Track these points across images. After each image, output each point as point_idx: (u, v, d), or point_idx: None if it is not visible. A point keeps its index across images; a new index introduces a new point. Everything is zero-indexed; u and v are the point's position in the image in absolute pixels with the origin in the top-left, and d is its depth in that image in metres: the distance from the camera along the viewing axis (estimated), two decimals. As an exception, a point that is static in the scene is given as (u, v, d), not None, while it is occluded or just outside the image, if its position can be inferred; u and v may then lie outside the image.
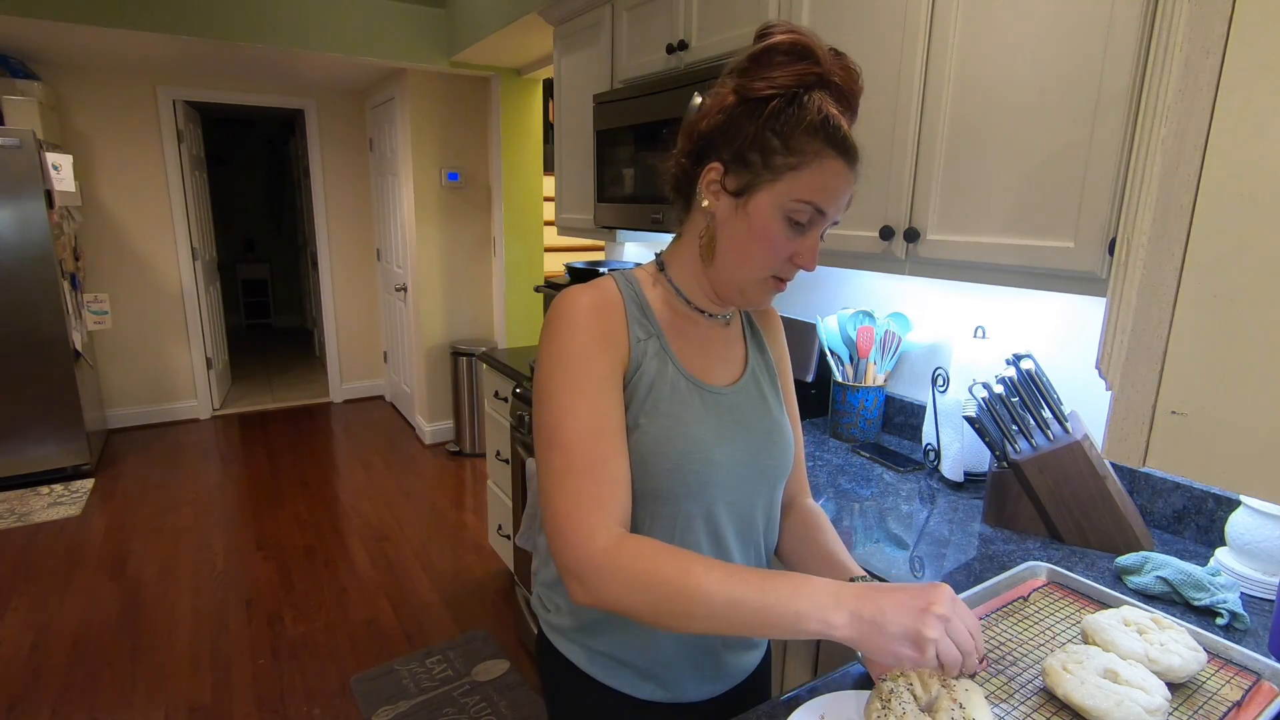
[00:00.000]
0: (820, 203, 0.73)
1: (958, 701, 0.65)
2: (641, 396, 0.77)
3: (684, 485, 0.78)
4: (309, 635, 2.41)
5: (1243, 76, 0.62)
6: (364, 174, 4.96)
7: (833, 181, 0.72)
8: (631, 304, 0.80)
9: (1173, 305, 0.69)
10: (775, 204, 0.73)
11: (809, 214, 0.73)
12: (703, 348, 0.84)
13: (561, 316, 0.75)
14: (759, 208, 0.74)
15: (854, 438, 1.71)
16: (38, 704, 2.05)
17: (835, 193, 0.73)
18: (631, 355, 0.77)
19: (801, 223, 0.73)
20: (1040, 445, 1.22)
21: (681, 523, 0.80)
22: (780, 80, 0.71)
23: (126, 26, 3.00)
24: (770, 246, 0.75)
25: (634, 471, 0.76)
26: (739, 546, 0.85)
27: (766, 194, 0.73)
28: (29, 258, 3.35)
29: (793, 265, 0.77)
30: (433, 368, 4.30)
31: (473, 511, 3.42)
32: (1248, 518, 1.06)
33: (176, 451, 4.11)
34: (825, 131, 0.71)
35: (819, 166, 0.71)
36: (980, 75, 1.17)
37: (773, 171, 0.72)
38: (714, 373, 0.84)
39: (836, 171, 0.72)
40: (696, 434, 0.78)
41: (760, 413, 0.86)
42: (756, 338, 0.92)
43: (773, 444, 0.86)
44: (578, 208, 2.49)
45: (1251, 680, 0.78)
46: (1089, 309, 1.36)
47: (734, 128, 0.74)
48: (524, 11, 2.78)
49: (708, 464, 0.79)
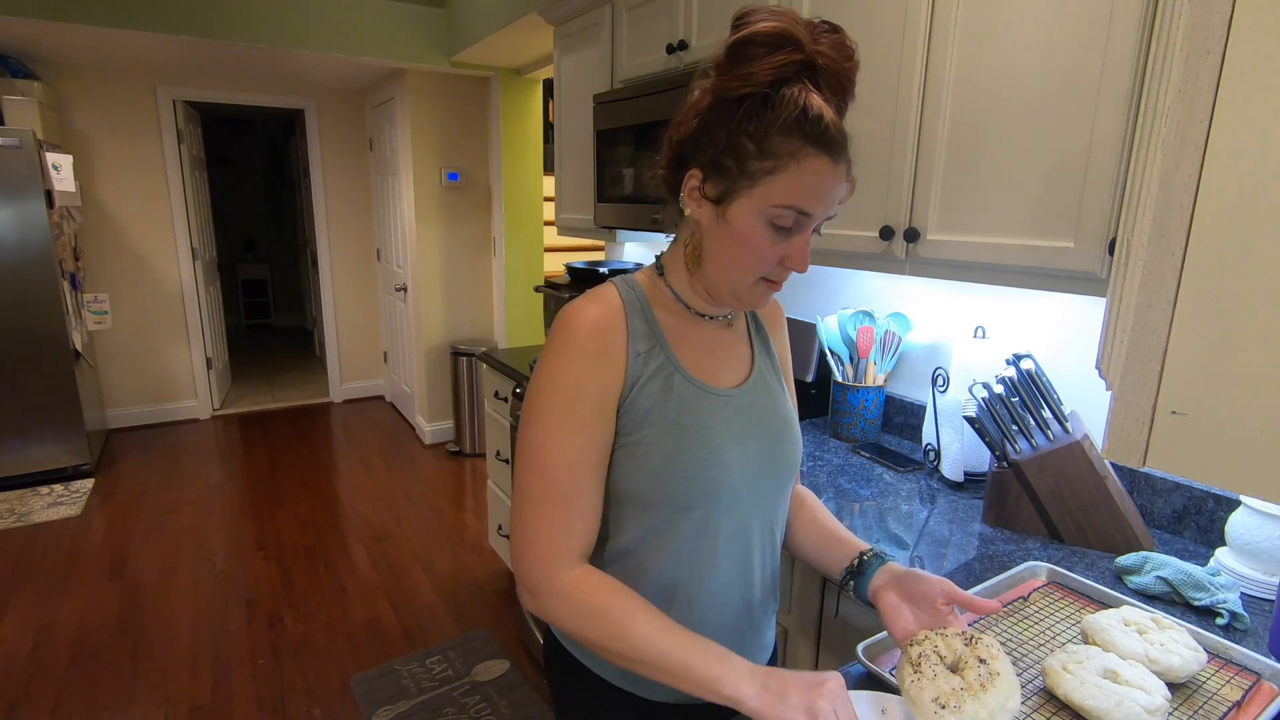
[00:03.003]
0: (803, 205, 0.70)
1: (979, 657, 0.69)
2: (646, 409, 0.77)
3: (699, 492, 0.78)
4: (309, 635, 2.41)
5: (1243, 76, 0.62)
6: (364, 174, 4.96)
7: (814, 181, 0.69)
8: (634, 315, 0.79)
9: (1173, 305, 0.69)
10: (755, 210, 0.70)
11: (792, 218, 0.70)
12: (708, 351, 0.83)
13: (560, 336, 0.76)
14: (739, 215, 0.71)
15: (854, 438, 1.71)
16: (38, 704, 2.05)
17: (818, 192, 0.70)
18: (628, 372, 0.76)
19: (786, 226, 0.71)
20: (1040, 445, 1.22)
21: (697, 527, 0.80)
22: (758, 77, 0.67)
23: (126, 26, 3.00)
24: (755, 253, 0.72)
25: (647, 482, 0.77)
26: (759, 546, 0.85)
27: (745, 200, 0.70)
28: (29, 258, 3.35)
29: (783, 268, 0.75)
30: (433, 368, 4.30)
31: (473, 512, 3.42)
32: (1248, 518, 1.06)
33: (176, 451, 4.11)
34: (803, 129, 0.67)
35: (797, 168, 0.68)
36: (980, 75, 1.17)
37: (749, 178, 0.69)
38: (722, 375, 0.83)
39: (818, 170, 0.68)
40: (708, 440, 0.78)
41: (770, 411, 0.85)
42: (761, 333, 0.91)
43: (783, 441, 0.85)
44: (578, 208, 2.49)
45: (1251, 680, 0.78)
46: (1089, 309, 1.36)
47: (707, 134, 0.71)
48: (524, 11, 2.78)
49: (721, 469, 0.78)
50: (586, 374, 0.74)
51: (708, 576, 0.81)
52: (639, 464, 0.77)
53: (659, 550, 0.80)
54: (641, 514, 0.79)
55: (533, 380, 0.77)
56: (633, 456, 0.77)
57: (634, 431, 0.77)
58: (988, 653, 0.70)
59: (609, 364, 0.75)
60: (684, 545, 0.80)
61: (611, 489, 0.79)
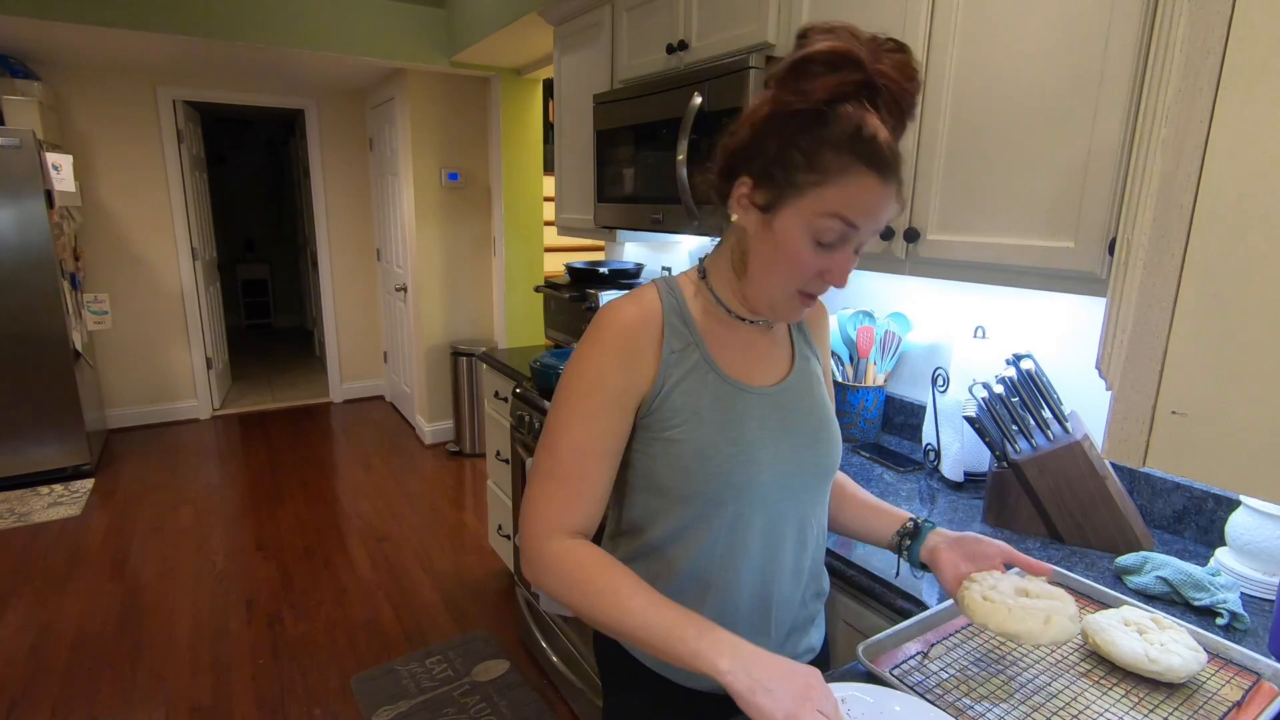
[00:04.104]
0: (849, 216, 0.70)
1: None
2: (678, 406, 0.79)
3: (729, 488, 0.79)
4: (309, 635, 2.41)
5: (1243, 76, 0.62)
6: (364, 174, 4.96)
7: (863, 197, 0.70)
8: (673, 315, 0.81)
9: (1173, 305, 0.69)
10: (801, 220, 0.72)
11: (838, 230, 0.71)
12: (745, 351, 0.85)
13: (593, 332, 0.80)
14: (784, 224, 0.73)
15: (854, 438, 1.71)
16: (38, 704, 2.05)
17: (866, 208, 0.70)
18: (659, 372, 0.79)
19: (829, 241, 0.72)
20: (1040, 445, 1.22)
21: (728, 523, 0.81)
22: (815, 94, 0.68)
23: (126, 26, 3.00)
24: (796, 263, 0.74)
25: (679, 479, 0.80)
26: (794, 544, 0.86)
27: (792, 210, 0.72)
28: (29, 258, 3.35)
29: (822, 281, 0.76)
30: (433, 368, 4.30)
31: (473, 512, 3.42)
32: (1248, 518, 1.06)
33: (176, 451, 4.11)
34: (855, 147, 0.67)
35: (846, 183, 0.69)
36: (980, 75, 1.17)
37: (797, 189, 0.71)
38: (758, 374, 0.85)
39: (868, 188, 0.69)
40: (739, 437, 0.80)
41: (808, 410, 0.86)
42: (803, 333, 0.92)
43: (820, 441, 0.86)
44: (578, 208, 2.49)
45: (1251, 680, 0.78)
46: (1089, 309, 1.36)
47: (760, 144, 0.72)
48: (524, 11, 2.78)
49: (751, 465, 0.79)
50: (611, 370, 0.78)
51: (741, 572, 0.83)
52: (673, 459, 0.80)
53: (692, 545, 0.82)
54: (675, 508, 0.82)
55: (565, 369, 0.82)
56: (667, 452, 0.80)
57: (667, 427, 0.79)
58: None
59: (636, 363, 0.79)
60: (716, 541, 0.82)
61: (646, 482, 0.83)
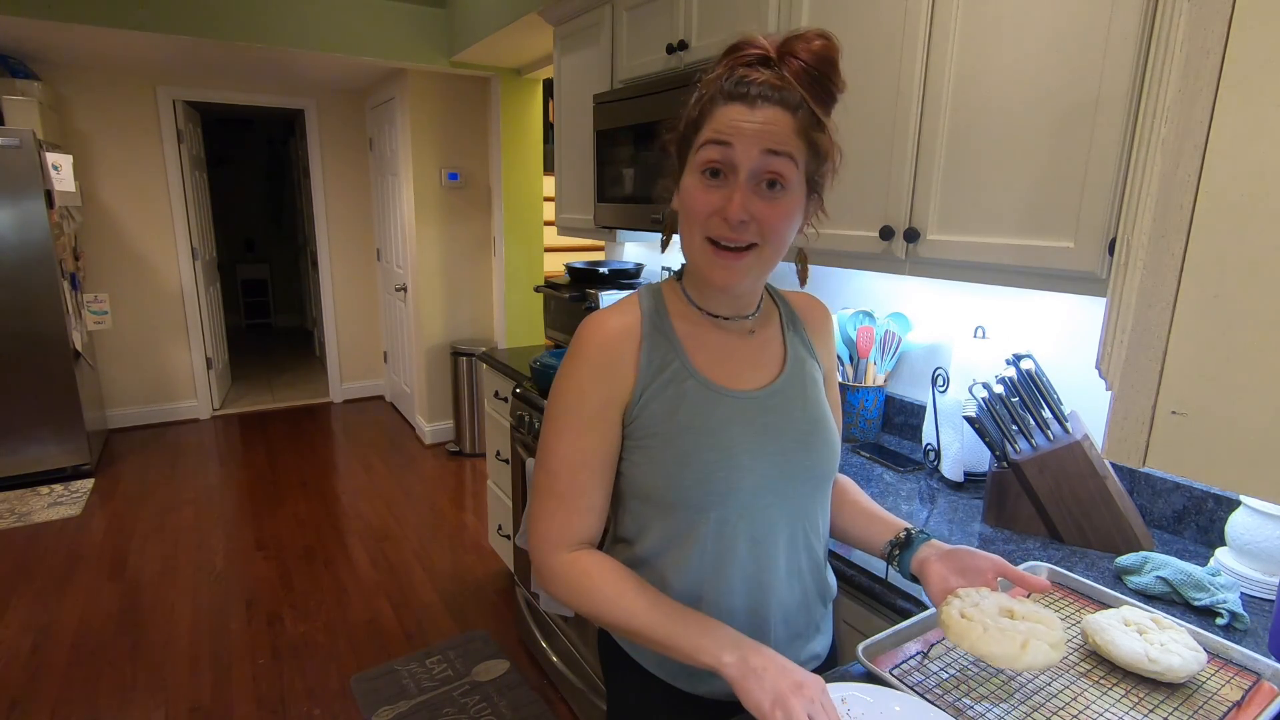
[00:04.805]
0: (719, 136, 0.73)
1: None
2: (658, 413, 0.79)
3: (711, 494, 0.79)
4: (309, 635, 2.41)
5: (1243, 76, 0.62)
6: (364, 174, 4.96)
7: (731, 119, 0.73)
8: (652, 325, 0.82)
9: (1173, 305, 0.69)
10: (693, 167, 0.77)
11: (715, 153, 0.74)
12: (728, 354, 0.84)
13: (574, 347, 0.82)
14: (686, 179, 0.79)
15: (854, 438, 1.71)
16: (38, 704, 2.05)
17: (735, 128, 0.73)
18: (637, 383, 0.80)
19: (713, 169, 0.74)
20: (1040, 445, 1.22)
21: (713, 530, 0.80)
22: (717, 71, 0.76)
23: (126, 26, 3.00)
24: (694, 205, 0.76)
25: (661, 486, 0.80)
26: (787, 551, 0.84)
27: (689, 166, 0.78)
28: (29, 258, 3.35)
29: (722, 221, 0.75)
30: (433, 368, 4.30)
31: (473, 511, 3.42)
32: (1248, 518, 1.06)
33: (176, 451, 4.11)
34: (724, 89, 0.74)
35: (715, 115, 0.74)
36: (980, 75, 1.17)
37: (691, 146, 0.77)
38: (742, 377, 0.83)
39: (735, 113, 0.73)
40: (719, 442, 0.79)
41: (799, 413, 0.84)
42: (799, 334, 0.90)
43: (812, 445, 0.84)
44: (578, 208, 2.49)
45: (1251, 680, 0.78)
46: (1089, 309, 1.36)
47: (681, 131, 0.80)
48: (524, 11, 2.78)
49: (734, 470, 0.78)
50: (590, 385, 0.80)
51: (733, 580, 0.81)
52: (655, 465, 0.80)
53: (679, 557, 0.81)
54: (661, 517, 0.82)
55: (551, 387, 0.84)
56: (649, 459, 0.80)
57: (648, 434, 0.80)
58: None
59: (614, 375, 0.80)
60: (704, 551, 0.80)
61: (633, 489, 0.83)
